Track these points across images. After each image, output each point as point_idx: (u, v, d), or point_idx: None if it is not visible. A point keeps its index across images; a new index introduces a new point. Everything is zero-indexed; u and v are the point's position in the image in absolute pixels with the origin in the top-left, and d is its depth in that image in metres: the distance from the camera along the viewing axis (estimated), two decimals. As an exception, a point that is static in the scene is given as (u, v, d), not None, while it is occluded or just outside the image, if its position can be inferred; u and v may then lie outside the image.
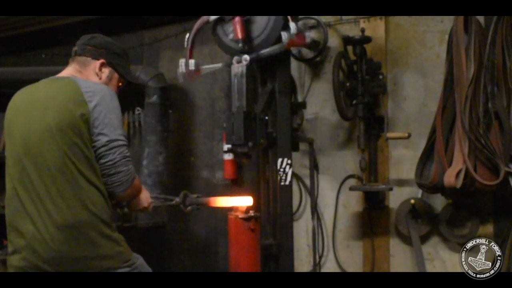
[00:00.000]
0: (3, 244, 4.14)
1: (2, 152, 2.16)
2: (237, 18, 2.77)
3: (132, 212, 2.40)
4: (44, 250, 1.95)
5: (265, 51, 2.83)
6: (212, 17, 2.89)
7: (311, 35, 2.78)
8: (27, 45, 5.13)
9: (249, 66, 2.75)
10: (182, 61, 2.92)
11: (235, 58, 2.77)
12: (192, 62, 2.92)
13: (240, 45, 2.78)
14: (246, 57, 2.75)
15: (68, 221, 1.94)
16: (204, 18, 2.90)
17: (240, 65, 2.74)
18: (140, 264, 2.16)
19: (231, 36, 2.89)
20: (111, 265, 2.00)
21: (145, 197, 2.30)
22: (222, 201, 2.70)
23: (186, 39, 2.97)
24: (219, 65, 2.97)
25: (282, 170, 3.01)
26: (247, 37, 2.82)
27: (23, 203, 1.99)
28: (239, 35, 2.78)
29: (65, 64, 2.29)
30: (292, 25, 2.68)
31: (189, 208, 2.59)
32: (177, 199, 2.59)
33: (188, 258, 4.45)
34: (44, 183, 1.96)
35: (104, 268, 1.99)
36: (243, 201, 2.70)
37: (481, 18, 3.13)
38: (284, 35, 2.70)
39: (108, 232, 2.01)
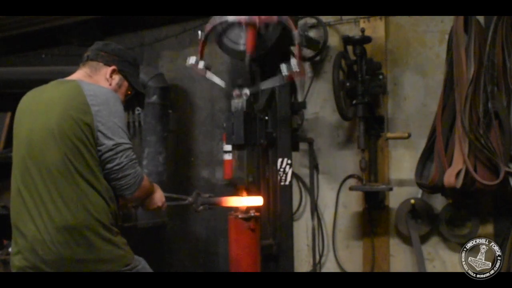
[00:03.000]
0: (3, 244, 4.14)
1: (3, 154, 2.16)
2: (250, 32, 2.72)
3: (146, 211, 2.43)
4: (44, 251, 1.95)
5: (265, 83, 2.83)
6: (226, 21, 2.81)
7: (310, 71, 2.73)
8: (27, 45, 5.13)
9: (249, 101, 2.73)
10: (193, 58, 2.85)
11: (235, 92, 2.75)
12: (202, 63, 2.84)
13: (247, 59, 2.74)
14: (247, 92, 2.72)
15: (68, 223, 1.94)
16: (222, 18, 2.84)
17: (240, 100, 2.73)
18: (142, 267, 2.16)
19: (242, 43, 2.83)
20: (110, 269, 2.00)
21: (159, 197, 2.33)
22: (233, 201, 2.71)
23: (199, 36, 2.89)
24: (223, 82, 2.93)
25: (282, 170, 3.02)
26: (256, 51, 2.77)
27: (26, 203, 2.00)
28: (249, 49, 2.72)
29: (64, 64, 2.30)
30: (293, 60, 2.64)
31: (201, 207, 2.61)
32: (190, 199, 2.61)
33: (188, 258, 4.45)
34: (46, 185, 1.97)
35: (103, 271, 1.99)
36: (254, 201, 2.71)
37: (481, 18, 3.13)
38: (284, 68, 2.65)
39: (108, 236, 2.01)
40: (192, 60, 2.82)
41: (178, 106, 4.40)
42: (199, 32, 2.90)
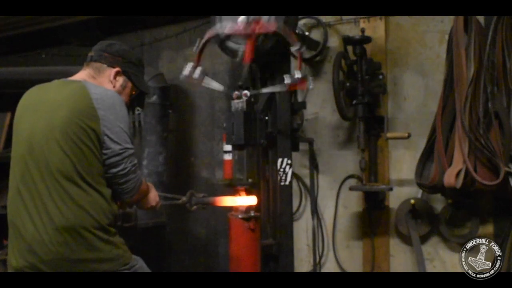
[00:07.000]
0: (3, 244, 4.14)
1: (3, 154, 2.16)
2: (248, 43, 2.71)
3: (142, 210, 2.44)
4: (42, 251, 1.94)
5: (266, 89, 2.83)
6: (223, 32, 2.83)
7: (311, 83, 2.75)
8: (27, 45, 5.13)
9: (249, 102, 2.72)
10: (189, 65, 2.79)
11: (235, 93, 2.73)
12: (198, 70, 2.78)
13: (245, 68, 2.74)
14: (247, 92, 2.71)
15: (67, 224, 1.93)
16: (219, 30, 2.84)
17: (240, 101, 2.71)
18: (140, 266, 2.16)
19: (241, 50, 2.84)
20: (109, 268, 2.00)
21: (153, 197, 2.35)
22: (228, 201, 2.71)
23: (196, 45, 2.87)
24: (221, 87, 2.92)
25: (282, 170, 3.02)
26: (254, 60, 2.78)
27: (25, 202, 1.99)
28: (247, 60, 2.73)
29: (64, 64, 2.30)
30: (297, 71, 2.65)
31: (194, 207, 2.63)
32: (184, 198, 2.63)
33: (188, 258, 4.45)
34: (46, 185, 1.96)
35: (102, 271, 1.99)
36: (248, 201, 2.71)
37: (481, 18, 3.13)
38: (287, 78, 2.65)
39: (107, 236, 2.01)
40: (188, 68, 2.77)
41: (178, 106, 4.40)
42: (198, 40, 2.87)
